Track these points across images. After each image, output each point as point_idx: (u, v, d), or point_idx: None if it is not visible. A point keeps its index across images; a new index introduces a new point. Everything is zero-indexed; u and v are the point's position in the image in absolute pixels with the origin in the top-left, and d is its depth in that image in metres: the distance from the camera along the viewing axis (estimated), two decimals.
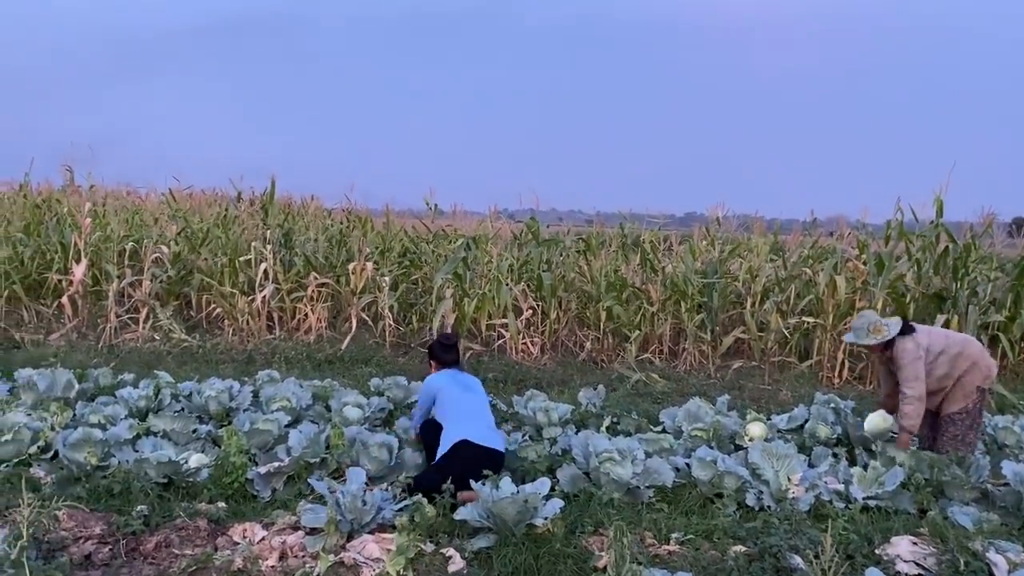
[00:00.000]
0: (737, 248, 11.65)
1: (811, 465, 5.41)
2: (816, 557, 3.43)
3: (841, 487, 4.99)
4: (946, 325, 8.50)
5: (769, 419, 6.50)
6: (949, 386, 5.52)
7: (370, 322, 10.40)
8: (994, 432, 6.23)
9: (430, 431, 5.08)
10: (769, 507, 4.79)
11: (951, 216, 9.29)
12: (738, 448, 5.87)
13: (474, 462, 4.59)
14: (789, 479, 4.97)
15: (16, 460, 4.95)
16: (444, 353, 5.38)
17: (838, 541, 3.92)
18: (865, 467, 5.25)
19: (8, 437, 4.98)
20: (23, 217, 12.37)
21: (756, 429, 6.07)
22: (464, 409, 4.97)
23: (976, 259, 9.50)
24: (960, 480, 4.99)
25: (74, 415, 5.67)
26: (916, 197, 9.57)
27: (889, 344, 5.58)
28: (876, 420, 5.77)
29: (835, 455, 5.70)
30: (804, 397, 7.89)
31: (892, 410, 5.71)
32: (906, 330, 5.57)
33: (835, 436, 6.11)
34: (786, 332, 9.52)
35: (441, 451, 4.79)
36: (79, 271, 9.79)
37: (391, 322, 10.05)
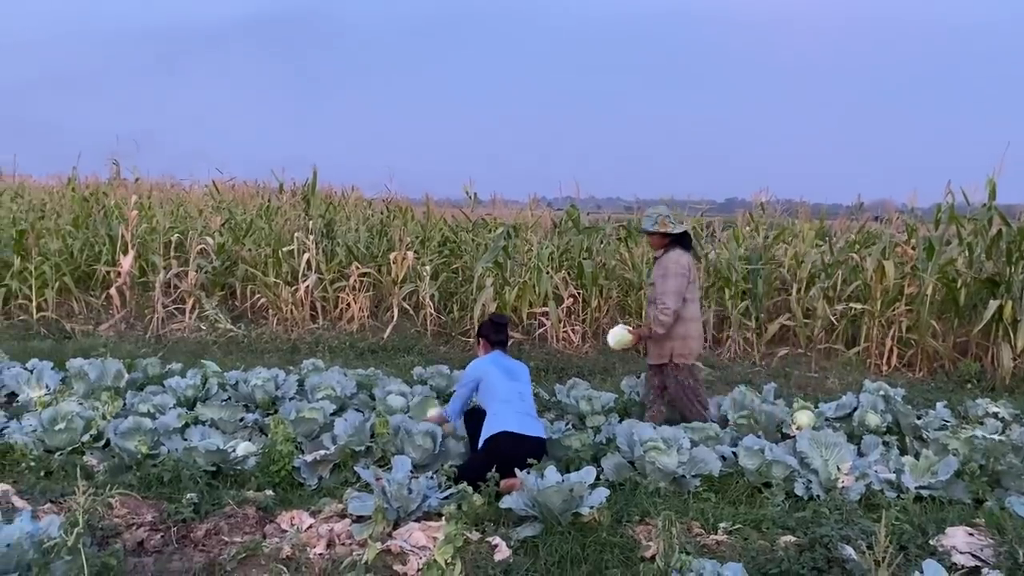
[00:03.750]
0: (782, 234, 11.46)
1: (861, 454, 5.31)
2: (869, 548, 3.35)
3: (892, 476, 4.89)
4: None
5: (817, 407, 6.39)
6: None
7: (411, 311, 10.44)
8: None
9: (473, 418, 5.07)
10: (818, 497, 4.71)
11: (1004, 199, 9.02)
12: (785, 437, 5.79)
13: (516, 451, 4.57)
14: (839, 468, 4.87)
15: (70, 448, 5.06)
16: (494, 333, 5.27)
17: (891, 532, 3.83)
18: (917, 456, 5.14)
19: (62, 426, 5.08)
20: (72, 210, 12.63)
21: (804, 417, 5.97)
22: (506, 397, 4.90)
23: None
24: (1017, 469, 4.86)
25: (124, 404, 5.76)
26: (967, 179, 9.32)
27: (667, 248, 5.71)
28: (622, 332, 5.69)
29: (886, 444, 5.58)
30: (852, 385, 7.76)
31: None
32: (686, 244, 5.79)
33: (885, 424, 5.99)
34: (833, 318, 9.34)
35: (483, 438, 4.79)
36: (126, 263, 9.96)
37: (432, 311, 10.08)
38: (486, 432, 4.78)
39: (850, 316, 9.50)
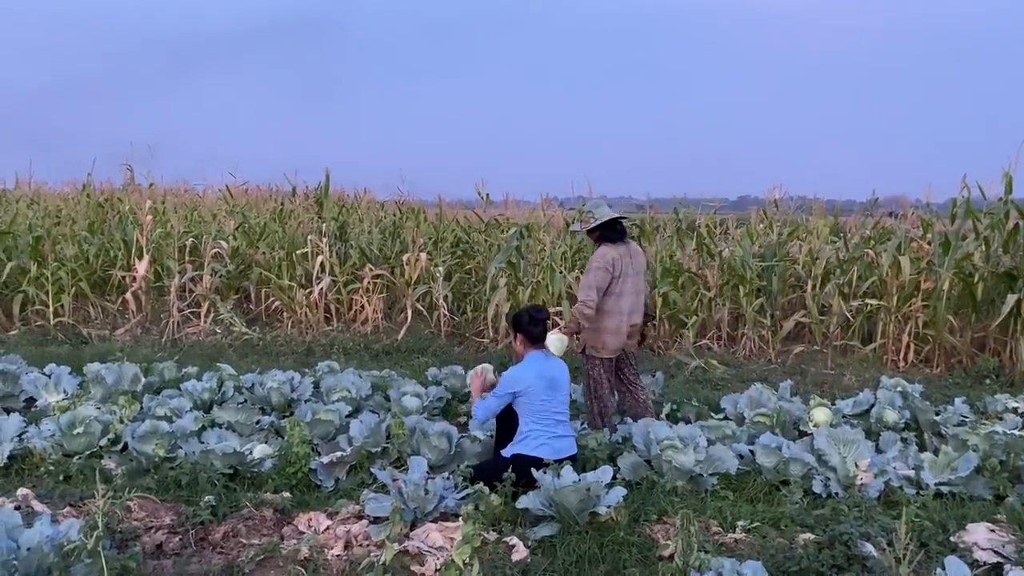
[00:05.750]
0: (796, 230, 11.41)
1: (879, 450, 5.27)
2: (889, 545, 3.32)
3: (911, 473, 4.86)
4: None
5: (833, 404, 6.36)
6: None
7: (425, 312, 10.44)
8: None
9: (505, 418, 4.90)
10: (837, 494, 4.69)
11: (1021, 192, 8.94)
12: (802, 434, 5.77)
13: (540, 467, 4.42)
14: (857, 465, 4.84)
15: (88, 452, 5.09)
16: (532, 326, 4.92)
17: (911, 528, 3.80)
18: (936, 452, 5.11)
19: (80, 430, 5.11)
20: (87, 216, 12.72)
21: (821, 415, 5.94)
22: (542, 418, 4.71)
23: None
24: None
25: (141, 408, 5.79)
26: (983, 174, 9.23)
27: (599, 242, 5.62)
28: (559, 336, 5.33)
29: (904, 440, 5.54)
30: (869, 381, 7.71)
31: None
32: (614, 237, 5.58)
33: (903, 421, 5.95)
34: (848, 315, 9.29)
35: (510, 452, 4.71)
36: (142, 268, 10.02)
37: (446, 312, 10.08)
38: (515, 447, 4.70)
39: (866, 312, 9.44)
